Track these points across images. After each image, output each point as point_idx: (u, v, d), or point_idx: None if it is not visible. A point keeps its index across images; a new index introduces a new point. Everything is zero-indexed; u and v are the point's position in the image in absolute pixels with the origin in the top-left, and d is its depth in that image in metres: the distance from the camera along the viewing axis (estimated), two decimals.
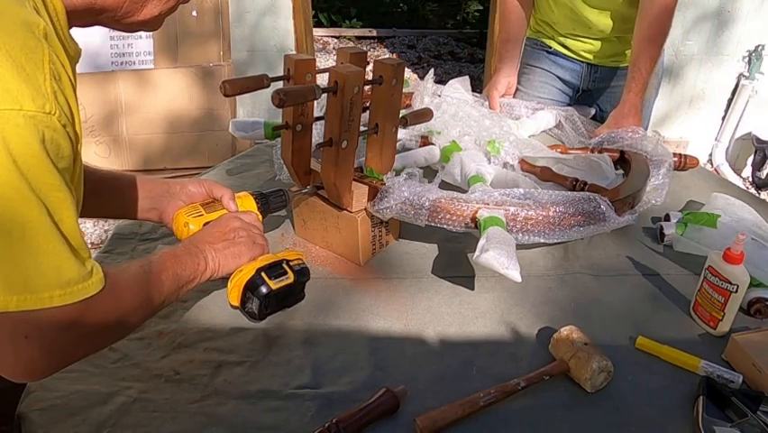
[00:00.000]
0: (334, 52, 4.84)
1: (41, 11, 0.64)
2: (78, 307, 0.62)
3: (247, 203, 1.02)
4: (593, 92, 1.81)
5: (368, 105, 1.06)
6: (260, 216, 1.02)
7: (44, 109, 0.57)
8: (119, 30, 0.78)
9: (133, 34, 2.71)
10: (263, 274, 0.89)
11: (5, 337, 0.59)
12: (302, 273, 0.94)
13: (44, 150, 0.57)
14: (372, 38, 5.59)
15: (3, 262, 0.56)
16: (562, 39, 1.76)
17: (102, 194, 0.93)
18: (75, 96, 0.63)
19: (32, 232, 0.57)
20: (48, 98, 0.57)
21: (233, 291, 0.90)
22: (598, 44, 1.71)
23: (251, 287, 0.89)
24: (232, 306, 0.92)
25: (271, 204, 1.05)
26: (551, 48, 1.80)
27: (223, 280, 0.91)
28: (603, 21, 1.63)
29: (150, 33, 2.74)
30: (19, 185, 0.56)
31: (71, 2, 0.68)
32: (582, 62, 1.77)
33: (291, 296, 0.94)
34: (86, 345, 0.68)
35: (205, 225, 0.95)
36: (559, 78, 1.82)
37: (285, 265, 0.92)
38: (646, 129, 1.63)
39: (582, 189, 1.17)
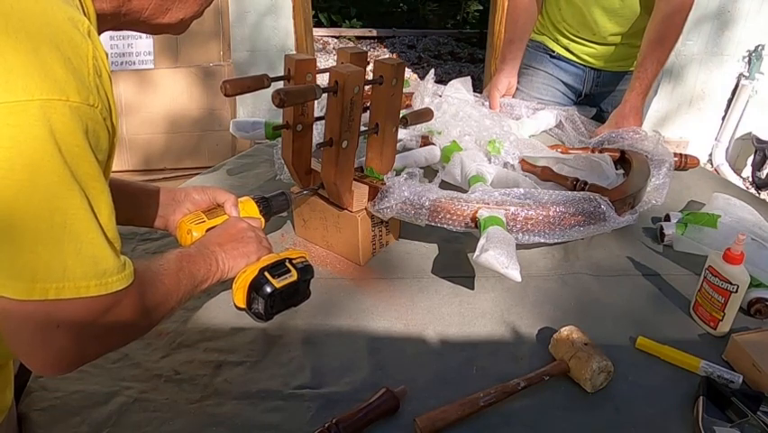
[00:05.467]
0: (334, 52, 4.85)
1: (80, 12, 0.65)
2: (111, 298, 0.62)
3: (249, 207, 1.03)
4: (596, 96, 1.80)
5: (368, 105, 1.06)
6: (263, 220, 1.03)
7: (88, 101, 0.58)
8: (144, 31, 0.79)
9: (133, 34, 2.72)
10: (266, 274, 0.89)
11: (36, 327, 0.59)
12: (305, 271, 0.94)
13: (87, 140, 0.58)
14: (372, 38, 5.60)
15: (44, 248, 0.57)
16: (566, 42, 1.75)
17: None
18: (112, 92, 0.64)
19: (74, 219, 0.58)
20: (91, 91, 0.59)
21: (238, 293, 0.90)
22: (602, 49, 1.70)
23: (255, 287, 0.89)
24: (238, 308, 0.93)
25: (273, 207, 1.06)
26: (554, 51, 1.79)
27: (223, 284, 0.91)
28: (610, 25, 1.63)
29: None
30: (63, 173, 0.56)
31: (101, 6, 0.69)
32: (586, 67, 1.76)
33: (297, 294, 0.94)
34: (112, 339, 0.68)
35: (207, 231, 0.95)
36: (561, 81, 1.81)
37: (288, 264, 0.92)
38: None
39: (583, 189, 1.17)
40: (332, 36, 5.57)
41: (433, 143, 1.35)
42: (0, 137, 0.53)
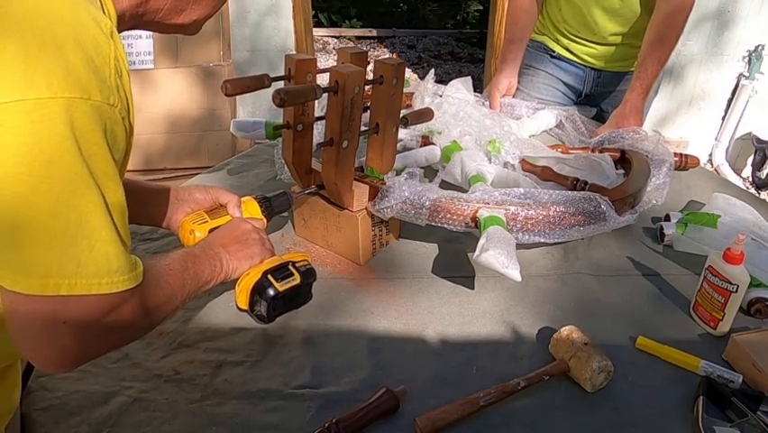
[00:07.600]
0: (334, 52, 4.85)
1: (102, 12, 0.66)
2: (119, 297, 0.63)
3: (251, 208, 1.03)
4: (596, 96, 1.80)
5: (368, 105, 1.06)
6: (265, 220, 1.03)
7: (109, 101, 0.59)
8: (158, 31, 0.80)
9: (134, 34, 2.72)
10: (270, 277, 0.90)
11: (43, 323, 0.59)
12: (308, 274, 0.94)
13: (105, 139, 0.59)
14: (372, 38, 5.60)
15: (59, 244, 0.57)
16: (566, 42, 1.75)
17: None
18: (131, 92, 0.65)
19: (89, 217, 0.58)
20: (112, 91, 0.60)
21: (241, 295, 0.91)
22: (602, 49, 1.70)
23: (258, 290, 0.90)
24: (240, 309, 0.93)
25: (275, 207, 1.06)
26: (554, 52, 1.79)
27: (224, 284, 0.91)
28: (610, 25, 1.63)
29: (151, 33, 2.74)
30: (81, 170, 0.57)
31: (121, 7, 0.70)
32: (586, 67, 1.76)
33: (299, 297, 0.95)
34: (116, 338, 0.69)
35: (210, 231, 0.95)
36: (562, 81, 1.81)
37: (291, 267, 0.93)
38: None
39: (583, 189, 1.17)
40: (332, 36, 5.57)
41: (433, 143, 1.34)
42: (22, 133, 0.54)
